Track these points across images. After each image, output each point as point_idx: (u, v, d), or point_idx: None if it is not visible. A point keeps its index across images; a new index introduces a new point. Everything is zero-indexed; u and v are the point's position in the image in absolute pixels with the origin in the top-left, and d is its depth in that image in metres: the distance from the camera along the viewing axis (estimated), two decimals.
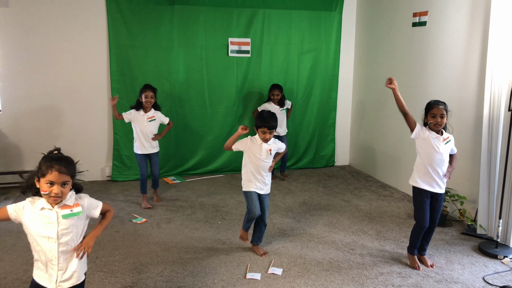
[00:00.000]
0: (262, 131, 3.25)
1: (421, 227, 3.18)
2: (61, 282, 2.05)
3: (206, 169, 5.81)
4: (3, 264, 3.22)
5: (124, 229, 3.92)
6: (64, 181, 1.98)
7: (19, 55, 4.97)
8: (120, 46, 5.21)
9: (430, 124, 3.11)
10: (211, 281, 3.04)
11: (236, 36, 5.57)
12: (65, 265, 2.05)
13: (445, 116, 3.09)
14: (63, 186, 1.98)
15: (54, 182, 1.95)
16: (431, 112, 3.10)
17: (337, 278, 3.11)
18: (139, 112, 4.37)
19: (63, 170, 1.96)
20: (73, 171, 2.03)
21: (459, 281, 3.09)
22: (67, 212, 2.02)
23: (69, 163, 2.03)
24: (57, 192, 1.96)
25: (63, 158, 2.01)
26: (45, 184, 1.96)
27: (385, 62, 5.47)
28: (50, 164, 1.96)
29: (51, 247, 2.01)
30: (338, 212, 4.46)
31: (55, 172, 1.95)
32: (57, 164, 1.96)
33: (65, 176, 1.98)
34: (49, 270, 2.04)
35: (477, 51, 4.03)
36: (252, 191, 3.33)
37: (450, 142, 3.18)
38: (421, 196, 3.17)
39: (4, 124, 5.06)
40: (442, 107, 3.08)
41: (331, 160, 6.35)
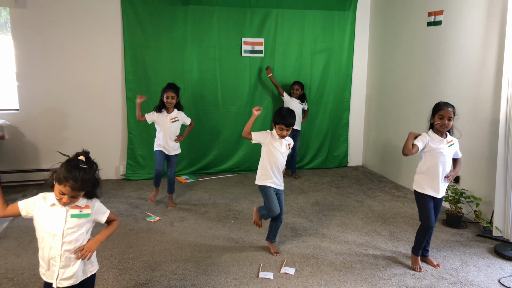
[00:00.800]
0: (279, 128, 3.25)
1: (428, 228, 3.17)
2: (61, 280, 2.08)
3: (219, 169, 5.83)
4: (21, 260, 3.29)
5: (138, 227, 3.96)
6: (76, 195, 2.00)
7: (35, 55, 5.06)
8: (134, 46, 5.27)
9: (437, 125, 3.08)
10: (223, 279, 3.05)
11: (250, 36, 5.58)
12: (67, 263, 2.08)
13: (453, 119, 3.07)
14: (74, 197, 2.00)
15: (66, 194, 1.97)
16: (439, 113, 3.07)
17: (350, 278, 3.10)
18: (162, 113, 4.33)
19: (76, 187, 1.96)
20: (88, 187, 2.03)
21: (474, 283, 3.05)
22: (76, 212, 2.05)
23: (87, 180, 1.99)
24: (66, 201, 1.99)
25: (81, 174, 1.96)
26: (57, 191, 1.99)
27: (400, 62, 5.42)
28: (67, 176, 1.94)
29: (55, 245, 2.04)
30: (351, 213, 4.43)
31: (68, 188, 1.95)
32: (73, 180, 1.94)
33: (78, 193, 2.00)
34: (51, 268, 2.08)
35: (494, 50, 3.97)
36: (269, 187, 3.32)
37: (453, 145, 3.15)
38: (425, 198, 3.16)
39: (22, 123, 5.16)
40: (451, 110, 3.06)
41: (344, 161, 6.32)
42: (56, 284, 2.07)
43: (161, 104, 4.36)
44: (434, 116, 3.12)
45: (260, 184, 3.37)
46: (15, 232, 3.81)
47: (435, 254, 3.48)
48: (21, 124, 5.16)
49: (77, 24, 5.12)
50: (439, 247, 3.63)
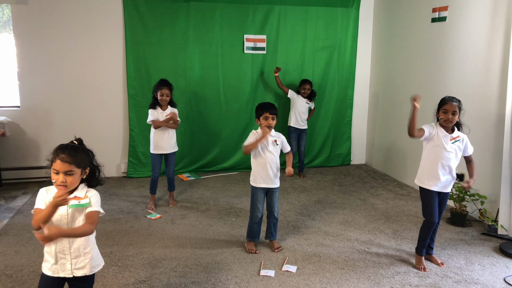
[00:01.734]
0: (264, 117, 3.25)
1: (431, 223, 3.12)
2: (75, 270, 2.07)
3: (220, 167, 5.79)
4: (20, 257, 3.26)
5: (138, 225, 3.93)
6: (68, 170, 1.96)
7: (37, 51, 5.04)
8: (136, 43, 5.24)
9: (440, 119, 3.04)
10: (224, 277, 3.02)
11: (252, 33, 5.54)
12: (78, 254, 2.07)
13: (457, 113, 3.01)
14: (68, 175, 1.96)
15: (59, 171, 1.95)
16: (443, 107, 3.03)
17: (352, 276, 3.05)
18: (157, 110, 4.25)
19: (66, 159, 1.95)
20: (80, 161, 2.00)
21: (479, 282, 3.00)
22: (75, 203, 2.03)
23: (75, 151, 2.00)
24: (62, 180, 1.95)
25: (69, 147, 2.00)
26: (53, 173, 1.98)
27: (403, 59, 5.37)
28: (56, 153, 1.98)
29: (62, 238, 2.02)
30: (354, 211, 4.39)
31: (58, 161, 1.96)
32: (61, 152, 1.96)
33: (69, 165, 1.96)
34: (61, 260, 2.05)
35: (499, 46, 3.91)
36: (258, 188, 3.34)
37: (459, 141, 3.07)
38: (429, 193, 3.11)
39: (23, 120, 5.14)
40: (456, 104, 3.00)
41: (347, 159, 6.27)
42: (72, 273, 2.06)
43: (155, 101, 4.25)
44: (439, 111, 3.08)
45: (252, 186, 3.40)
46: (14, 229, 3.78)
47: (439, 253, 3.43)
48: (22, 121, 5.14)
49: (79, 21, 5.10)
50: (443, 246, 3.58)
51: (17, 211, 4.22)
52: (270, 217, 3.44)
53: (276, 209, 3.42)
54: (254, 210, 3.38)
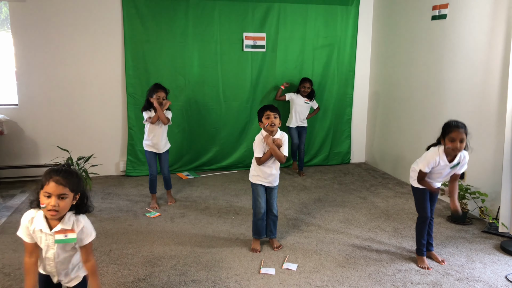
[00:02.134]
0: (266, 116, 3.22)
1: (425, 218, 3.14)
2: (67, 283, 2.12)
3: (220, 165, 5.77)
4: (18, 256, 3.23)
5: (137, 223, 3.90)
6: (62, 193, 1.89)
7: (35, 49, 5.00)
8: (135, 41, 5.21)
9: (448, 148, 2.87)
10: (224, 275, 2.99)
11: (251, 30, 5.51)
12: (64, 274, 2.08)
13: (465, 140, 2.83)
14: (60, 199, 1.89)
15: (51, 194, 1.87)
16: (450, 135, 2.83)
17: (353, 274, 3.03)
18: (151, 113, 4.16)
19: (60, 181, 1.88)
20: (73, 184, 1.93)
21: (480, 279, 2.98)
22: (61, 237, 1.95)
23: (69, 174, 1.93)
24: (54, 204, 1.87)
25: (63, 170, 1.93)
26: (43, 196, 1.89)
27: (403, 57, 5.35)
28: (48, 175, 1.89)
29: (49, 263, 2.03)
30: (354, 209, 4.37)
31: (52, 183, 1.87)
32: (56, 175, 1.88)
33: (63, 188, 1.88)
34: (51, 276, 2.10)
35: (500, 44, 3.90)
36: (258, 185, 3.33)
37: (457, 165, 2.97)
38: (420, 190, 3.15)
39: (21, 118, 5.10)
40: (462, 131, 2.81)
41: (346, 157, 6.25)
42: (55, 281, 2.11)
43: (148, 105, 4.14)
44: (444, 138, 2.88)
45: (251, 182, 3.38)
46: (12, 227, 3.75)
47: (440, 251, 3.41)
48: (20, 120, 5.11)
49: (77, 18, 5.06)
50: (444, 244, 3.56)
51: (15, 210, 4.19)
52: (269, 214, 3.42)
53: (275, 207, 3.40)
54: (256, 206, 3.36)
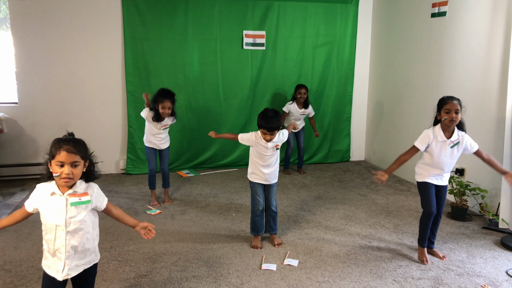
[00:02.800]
0: (262, 132, 3.18)
1: (429, 214, 3.11)
2: (69, 271, 2.03)
3: (220, 163, 5.77)
4: (19, 252, 3.23)
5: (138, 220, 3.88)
6: (74, 161, 1.95)
7: (35, 47, 5.00)
8: (135, 38, 5.21)
9: (445, 120, 2.96)
10: (226, 271, 2.99)
11: (251, 28, 5.52)
12: (72, 254, 2.03)
13: (460, 111, 2.95)
14: (73, 166, 1.95)
15: (64, 162, 1.93)
16: (445, 108, 2.96)
17: (354, 270, 3.04)
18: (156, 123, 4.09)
19: (71, 149, 1.95)
20: (83, 152, 2.01)
21: (481, 274, 2.99)
22: (75, 200, 2.00)
23: (78, 143, 2.00)
24: (68, 172, 1.93)
25: (71, 139, 2.00)
26: (56, 166, 1.95)
27: (403, 55, 5.36)
28: (58, 145, 1.96)
29: (59, 235, 1.99)
30: (354, 206, 4.37)
31: (63, 152, 1.93)
32: (65, 144, 1.95)
33: (75, 156, 1.95)
34: (56, 260, 2.02)
35: (500, 42, 3.91)
36: (256, 183, 3.34)
37: (458, 144, 3.03)
38: (426, 185, 3.12)
39: (21, 116, 5.10)
40: (457, 103, 2.94)
41: (346, 155, 6.26)
42: (62, 276, 2.02)
43: (155, 112, 4.03)
44: (440, 112, 3.01)
45: (249, 180, 3.39)
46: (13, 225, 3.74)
47: (440, 246, 3.42)
48: (20, 118, 5.10)
49: (77, 16, 5.06)
50: (444, 239, 3.57)
51: (15, 207, 4.19)
52: (268, 210, 3.42)
53: (273, 203, 3.40)
54: (254, 202, 3.37)
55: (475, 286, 2.83)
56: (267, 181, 3.34)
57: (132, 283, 2.82)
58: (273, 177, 3.36)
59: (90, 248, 2.10)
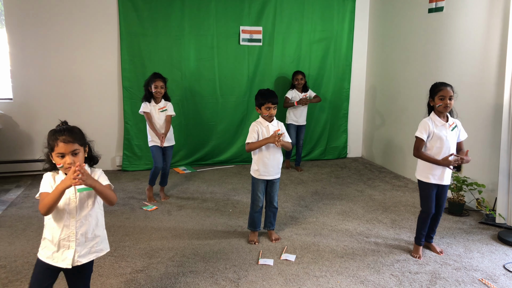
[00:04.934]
0: (266, 107, 3.18)
1: (428, 214, 3.10)
2: (79, 258, 2.02)
3: (217, 160, 5.75)
4: (14, 248, 3.20)
5: (134, 216, 3.88)
6: (73, 150, 1.94)
7: (30, 43, 4.96)
8: (131, 34, 5.17)
9: (439, 107, 2.99)
10: (223, 266, 2.98)
11: (248, 24, 5.49)
12: (83, 241, 2.02)
13: (453, 98, 2.99)
14: (74, 155, 1.94)
15: (64, 153, 1.93)
16: (439, 94, 2.98)
17: (352, 264, 3.03)
18: (151, 103, 4.15)
19: (68, 139, 1.93)
20: (80, 139, 1.99)
21: (478, 269, 2.99)
22: (82, 186, 1.96)
23: (72, 131, 1.99)
24: (70, 162, 1.92)
25: (65, 129, 1.98)
26: (57, 158, 1.94)
27: (400, 50, 5.35)
28: (54, 137, 1.95)
29: (69, 223, 1.98)
30: (351, 202, 4.37)
31: (61, 144, 1.93)
32: (61, 135, 1.94)
33: (73, 145, 1.94)
34: (62, 248, 1.99)
35: (497, 36, 3.90)
36: (259, 180, 3.29)
37: (456, 128, 3.05)
38: (428, 186, 3.07)
39: (16, 112, 5.06)
40: (450, 89, 2.97)
41: (343, 152, 6.25)
42: (73, 262, 2.00)
43: (148, 95, 4.13)
44: (434, 98, 3.03)
45: (252, 176, 3.35)
46: (8, 220, 3.72)
47: (437, 241, 3.41)
48: (15, 114, 5.06)
49: (72, 12, 5.02)
50: (442, 234, 3.57)
51: (10, 204, 4.15)
52: (269, 206, 3.40)
53: (275, 199, 3.38)
54: (254, 199, 3.34)
55: (473, 280, 2.83)
56: (271, 176, 3.29)
57: (128, 278, 2.80)
58: (277, 171, 3.31)
59: (100, 235, 2.11)
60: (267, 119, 3.24)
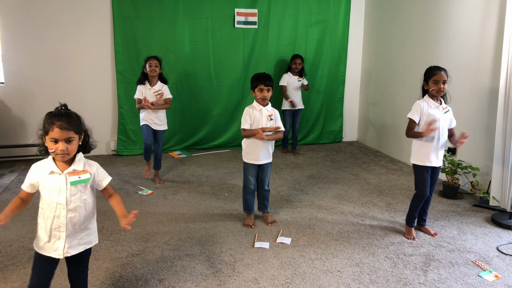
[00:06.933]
0: (259, 89, 3.17)
1: (422, 196, 3.12)
2: (69, 249, 1.99)
3: (212, 144, 5.73)
4: (9, 233, 3.19)
5: (130, 200, 3.88)
6: (68, 137, 1.88)
7: (21, 27, 4.87)
8: (124, 17, 5.09)
9: (432, 91, 3.00)
10: (219, 249, 2.99)
11: (243, 6, 5.42)
12: (73, 232, 1.99)
13: (446, 82, 3.00)
14: (68, 142, 1.89)
15: (58, 139, 1.87)
16: (433, 78, 2.99)
17: (347, 247, 3.05)
18: (145, 86, 4.15)
19: (64, 125, 1.87)
20: (77, 126, 1.93)
21: (472, 250, 3.02)
22: (75, 179, 1.95)
23: (71, 117, 1.92)
24: (63, 149, 1.87)
25: (63, 114, 1.91)
26: (50, 142, 1.89)
27: (397, 33, 5.31)
28: (51, 121, 1.88)
29: (59, 214, 1.94)
30: (346, 185, 4.38)
31: (56, 129, 1.86)
32: (58, 120, 1.87)
33: (68, 132, 1.88)
34: (53, 238, 1.97)
35: (494, 19, 3.87)
36: (250, 164, 3.28)
37: (449, 112, 3.07)
38: (422, 169, 3.09)
39: (8, 97, 4.99)
40: (444, 73, 2.98)
41: (338, 136, 6.25)
42: (64, 253, 1.98)
43: (143, 77, 4.16)
44: (428, 82, 3.03)
45: (243, 161, 3.34)
46: (2, 205, 3.69)
47: (432, 224, 3.44)
48: (7, 98, 5.00)
49: None
50: (436, 217, 3.60)
51: (4, 189, 4.13)
52: (260, 189, 3.40)
53: (266, 182, 3.37)
54: (246, 181, 3.35)
55: (466, 261, 2.86)
56: (261, 161, 3.29)
57: (124, 262, 2.80)
58: (267, 156, 3.30)
59: (91, 228, 2.08)
60: (261, 102, 3.22)
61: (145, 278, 2.61)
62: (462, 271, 2.73)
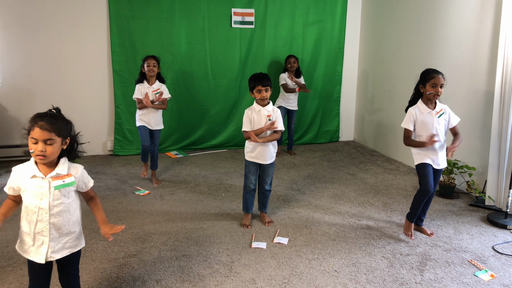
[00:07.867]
0: (257, 90, 3.17)
1: (426, 191, 3.08)
2: (52, 253, 1.96)
3: (209, 144, 5.73)
4: (5, 234, 3.18)
5: (127, 201, 3.87)
6: (47, 138, 1.83)
7: (17, 26, 4.85)
8: (120, 17, 5.08)
9: (429, 94, 2.99)
10: (216, 249, 2.99)
11: (240, 6, 5.42)
12: (57, 236, 1.95)
13: (443, 85, 3.00)
14: (47, 144, 1.84)
15: (37, 139, 1.82)
16: (432, 82, 2.97)
17: (344, 247, 3.06)
18: (143, 85, 4.14)
19: (45, 126, 1.82)
20: (60, 129, 1.87)
21: (468, 250, 3.04)
22: (59, 183, 1.90)
23: (55, 120, 1.87)
24: (41, 149, 1.82)
25: (48, 115, 1.87)
26: (30, 142, 1.84)
27: (393, 34, 5.33)
28: (34, 121, 1.84)
29: (41, 218, 1.91)
30: (343, 185, 4.39)
31: (37, 129, 1.82)
32: (40, 120, 1.83)
33: (48, 133, 1.83)
34: (37, 243, 1.94)
35: (490, 20, 3.89)
36: (251, 162, 3.28)
37: (444, 114, 3.06)
38: (424, 165, 3.08)
39: (4, 97, 4.97)
40: (441, 77, 2.98)
41: (335, 136, 6.27)
42: (46, 258, 1.95)
43: (141, 76, 4.16)
44: (425, 85, 3.02)
45: (245, 159, 3.34)
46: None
47: (428, 223, 3.46)
48: (3, 98, 4.98)
49: None
50: (432, 217, 3.61)
51: (1, 189, 4.11)
52: (261, 189, 3.40)
53: (267, 182, 3.38)
54: (246, 180, 3.34)
55: (462, 261, 2.88)
56: (263, 161, 3.28)
57: (121, 263, 2.80)
58: (270, 156, 3.30)
59: (76, 231, 2.04)
60: (260, 103, 3.22)
61: (142, 279, 2.61)
62: (458, 271, 2.75)
